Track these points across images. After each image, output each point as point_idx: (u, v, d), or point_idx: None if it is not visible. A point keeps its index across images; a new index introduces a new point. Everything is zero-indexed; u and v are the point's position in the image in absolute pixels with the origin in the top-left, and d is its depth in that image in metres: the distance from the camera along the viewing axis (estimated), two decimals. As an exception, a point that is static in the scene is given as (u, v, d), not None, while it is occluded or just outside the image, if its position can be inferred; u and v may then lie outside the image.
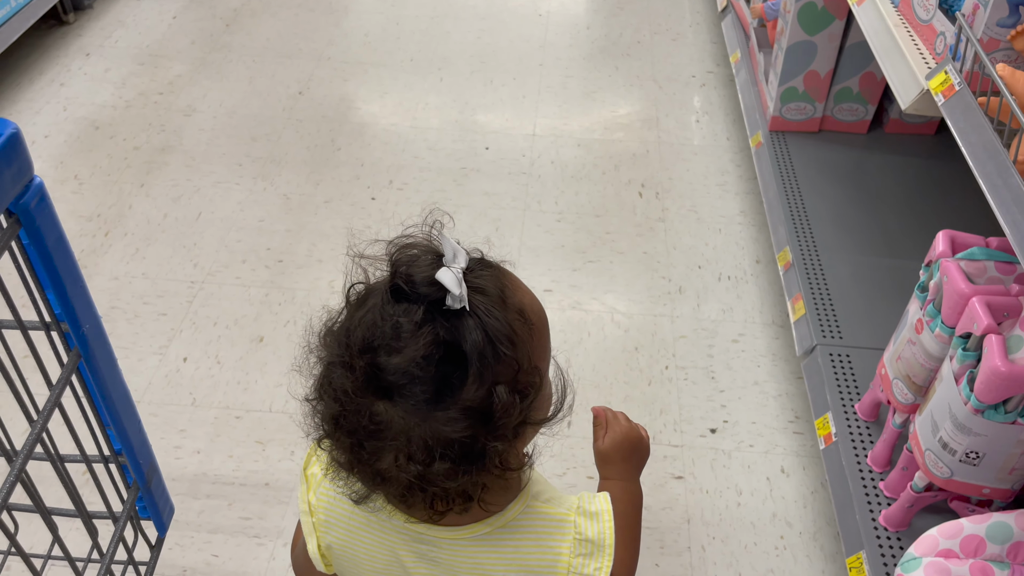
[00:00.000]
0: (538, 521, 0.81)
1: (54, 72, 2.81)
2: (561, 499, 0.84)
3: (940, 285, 1.22)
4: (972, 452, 1.15)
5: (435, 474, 0.68)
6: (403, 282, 0.68)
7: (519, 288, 0.76)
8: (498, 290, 0.71)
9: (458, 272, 0.67)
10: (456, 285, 0.66)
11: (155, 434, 1.77)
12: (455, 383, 0.67)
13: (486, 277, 0.71)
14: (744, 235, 2.27)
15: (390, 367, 0.66)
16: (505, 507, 0.80)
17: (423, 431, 0.67)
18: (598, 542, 0.80)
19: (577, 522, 0.81)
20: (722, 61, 2.94)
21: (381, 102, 2.74)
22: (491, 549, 0.80)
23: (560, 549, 0.80)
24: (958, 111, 1.23)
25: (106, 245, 2.20)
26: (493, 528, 0.79)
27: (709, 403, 1.85)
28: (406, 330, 0.66)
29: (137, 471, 0.92)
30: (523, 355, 0.70)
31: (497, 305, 0.69)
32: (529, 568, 0.80)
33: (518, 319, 0.71)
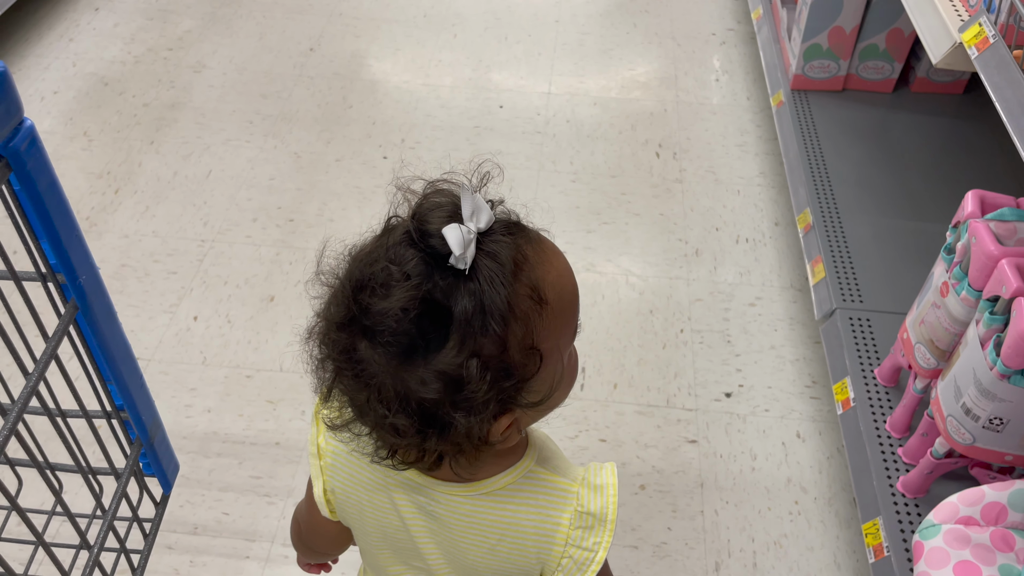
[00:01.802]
0: (540, 488, 0.78)
1: (63, 27, 2.77)
2: (568, 468, 0.81)
3: (968, 247, 1.18)
4: (996, 418, 1.12)
5: (397, 425, 0.66)
6: (415, 229, 0.65)
7: (546, 262, 0.69)
8: (512, 259, 0.65)
9: (468, 232, 0.63)
10: (460, 245, 0.63)
11: (166, 392, 1.77)
12: (432, 344, 0.63)
13: (505, 243, 0.65)
14: (763, 197, 2.22)
15: (370, 310, 0.64)
16: (499, 473, 0.77)
17: (393, 380, 0.65)
18: (599, 516, 0.77)
19: (580, 494, 0.78)
20: (743, 18, 2.86)
21: (393, 59, 2.69)
22: (488, 509, 0.78)
23: (560, 519, 0.77)
24: (992, 65, 1.17)
25: (116, 203, 2.18)
26: (491, 489, 0.77)
27: (724, 367, 1.83)
28: (395, 278, 0.63)
29: (140, 427, 0.91)
30: (519, 333, 0.65)
31: (505, 275, 0.64)
32: (526, 534, 0.78)
33: (528, 295, 0.66)
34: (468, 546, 0.80)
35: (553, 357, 0.69)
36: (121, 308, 1.93)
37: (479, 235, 0.64)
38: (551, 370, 0.69)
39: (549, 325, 0.67)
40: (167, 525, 1.55)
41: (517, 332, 0.65)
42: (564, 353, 0.72)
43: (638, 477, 1.64)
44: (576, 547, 0.77)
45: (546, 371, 0.68)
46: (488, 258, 0.64)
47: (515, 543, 0.78)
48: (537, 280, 0.67)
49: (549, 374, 0.69)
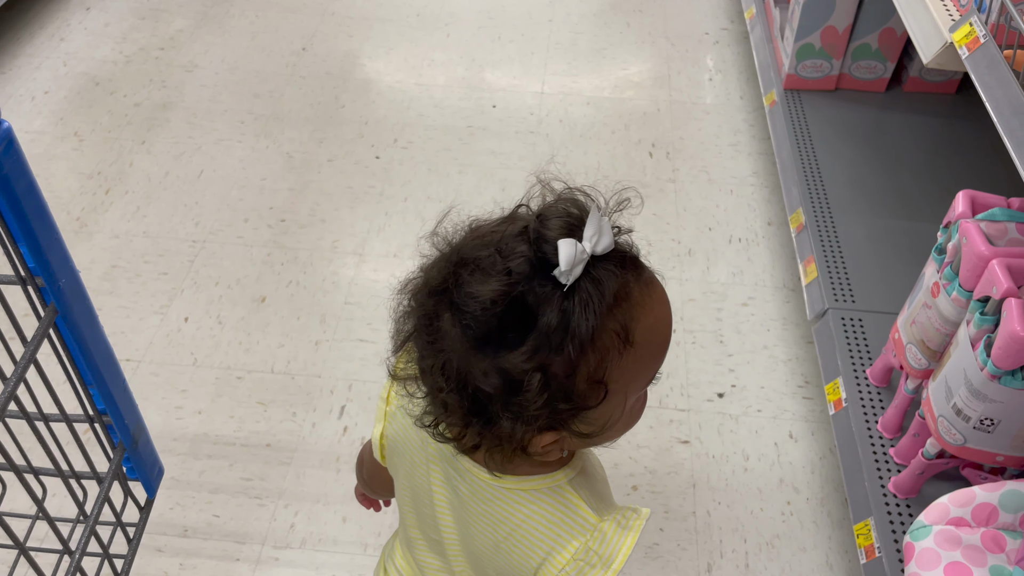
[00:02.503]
0: (561, 507, 0.77)
1: (54, 27, 2.76)
2: (600, 501, 0.78)
3: (959, 247, 1.17)
4: (987, 419, 1.12)
5: (448, 401, 0.68)
6: (533, 229, 0.65)
7: (647, 306, 0.68)
8: (615, 293, 0.65)
9: (582, 251, 0.63)
10: (569, 261, 0.62)
11: (156, 394, 1.76)
12: (507, 342, 0.64)
13: (614, 275, 0.65)
14: (756, 196, 2.22)
15: (464, 288, 0.65)
16: (529, 475, 0.77)
17: (460, 360, 0.66)
18: (606, 559, 0.75)
19: (600, 530, 0.75)
20: (736, 17, 2.86)
21: (386, 58, 2.68)
22: (505, 504, 0.78)
23: (568, 544, 0.76)
24: (983, 65, 1.17)
25: (107, 203, 2.17)
26: (515, 487, 0.77)
27: (717, 367, 1.82)
28: (497, 268, 0.64)
29: (122, 431, 0.90)
30: (592, 364, 0.65)
31: (600, 305, 0.64)
32: (531, 541, 0.77)
33: (616, 331, 0.65)
34: (478, 532, 0.80)
35: (618, 396, 0.69)
36: (111, 309, 1.92)
37: (592, 258, 0.64)
38: (611, 407, 0.69)
39: (626, 366, 0.67)
40: (156, 527, 1.55)
41: (591, 362, 0.65)
42: (632, 396, 0.71)
43: (630, 478, 1.63)
44: (588, 564, 0.75)
45: (606, 407, 0.68)
46: (592, 283, 0.64)
47: (520, 545, 0.78)
48: (631, 320, 0.66)
49: (608, 410, 0.69)
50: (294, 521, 1.56)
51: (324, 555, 1.51)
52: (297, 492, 1.60)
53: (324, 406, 1.74)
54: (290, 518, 1.57)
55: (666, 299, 0.71)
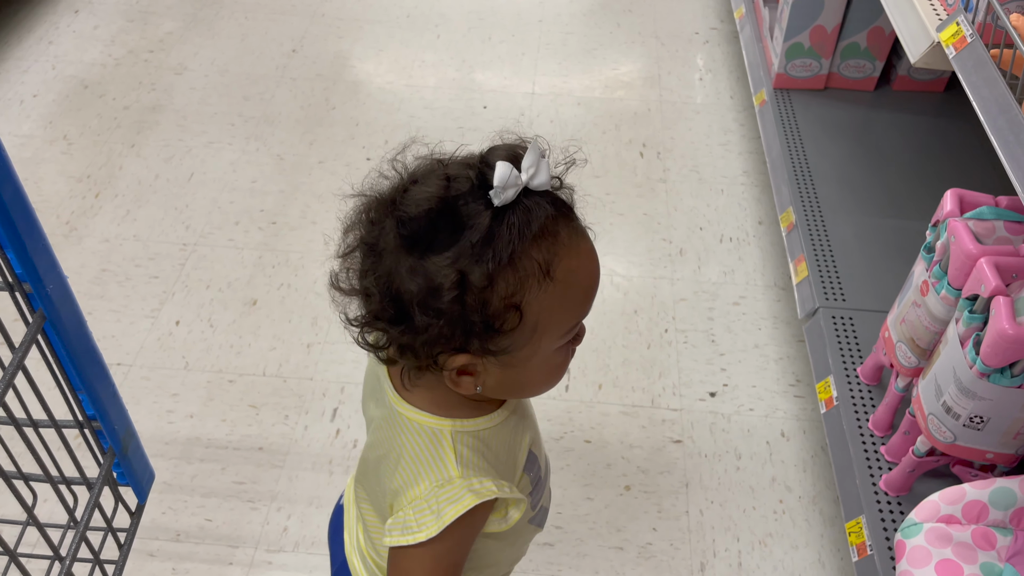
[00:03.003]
0: (432, 450, 0.78)
1: (42, 30, 2.75)
2: (474, 468, 0.78)
3: (947, 245, 1.18)
4: (976, 416, 1.13)
5: (370, 297, 0.73)
6: (480, 155, 0.71)
7: (573, 249, 0.72)
8: (541, 226, 0.69)
9: (515, 176, 0.67)
10: (502, 180, 0.67)
11: (147, 398, 1.75)
12: (434, 246, 0.68)
13: (544, 210, 0.70)
14: (747, 196, 2.22)
15: (407, 193, 0.70)
16: (422, 407, 0.79)
17: (390, 260, 0.70)
18: (440, 510, 0.75)
19: (454, 484, 0.76)
20: (726, 17, 2.87)
21: (376, 60, 2.68)
22: (395, 428, 0.81)
23: (420, 483, 0.77)
24: (970, 64, 1.18)
25: (96, 207, 2.16)
26: (407, 415, 0.79)
27: (709, 366, 1.83)
28: (437, 176, 0.70)
29: (112, 437, 0.90)
30: (511, 285, 0.69)
31: (524, 232, 0.68)
32: (395, 468, 0.79)
33: (538, 261, 0.69)
34: (372, 445, 0.86)
35: (532, 329, 0.72)
36: (102, 313, 1.91)
37: (528, 191, 0.69)
38: (525, 339, 0.72)
39: (544, 300, 0.71)
40: (149, 532, 1.54)
41: (509, 282, 0.69)
42: (549, 339, 0.74)
43: (623, 478, 1.64)
44: (410, 512, 0.76)
45: (520, 336, 0.72)
46: (522, 211, 0.69)
47: (388, 467, 0.81)
48: (553, 256, 0.70)
49: (522, 342, 0.72)
50: (287, 524, 1.56)
51: (317, 558, 1.51)
52: (290, 495, 1.60)
53: (316, 409, 1.74)
54: (283, 521, 1.56)
55: (594, 253, 0.76)
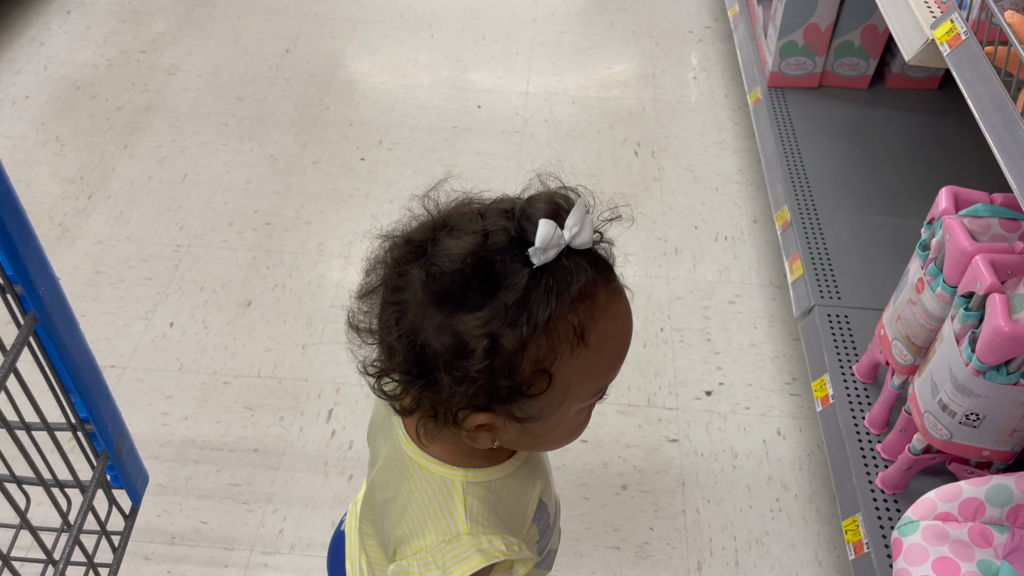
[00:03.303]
0: (442, 501, 0.76)
1: (34, 31, 2.73)
2: (484, 524, 0.76)
3: (942, 243, 1.18)
4: (972, 414, 1.13)
5: (394, 348, 0.69)
6: (519, 207, 0.67)
7: (610, 312, 0.68)
8: (580, 288, 0.66)
9: (560, 236, 0.64)
10: (544, 240, 0.63)
11: (142, 400, 1.74)
12: (466, 304, 0.65)
13: (584, 272, 0.66)
14: (741, 194, 2.22)
15: (439, 243, 0.67)
16: (439, 458, 0.77)
17: (415, 312, 0.67)
18: (447, 567, 0.73)
19: (461, 540, 0.74)
20: (720, 16, 2.87)
21: (370, 60, 2.67)
22: (404, 472, 0.78)
23: (427, 535, 0.75)
24: (964, 61, 1.18)
25: (89, 208, 2.15)
26: (419, 461, 0.77)
27: (705, 365, 1.83)
28: (474, 230, 0.66)
29: (105, 439, 0.89)
30: (543, 349, 0.66)
31: (562, 295, 0.65)
32: (403, 515, 0.78)
33: (573, 324, 0.66)
34: (380, 485, 0.83)
35: (560, 394, 0.69)
36: (96, 315, 1.91)
37: (568, 250, 0.66)
38: (552, 403, 0.69)
39: (575, 365, 0.68)
40: (144, 535, 1.53)
41: (541, 347, 0.65)
42: (575, 402, 0.71)
43: (619, 477, 1.63)
44: (415, 563, 0.75)
45: (547, 401, 0.69)
46: (561, 271, 0.65)
47: (395, 513, 0.79)
48: (590, 320, 0.67)
49: (547, 405, 0.69)
50: (283, 526, 1.55)
51: (313, 560, 1.51)
52: (285, 497, 1.59)
53: (312, 410, 1.73)
54: (279, 523, 1.56)
55: (629, 316, 0.72)
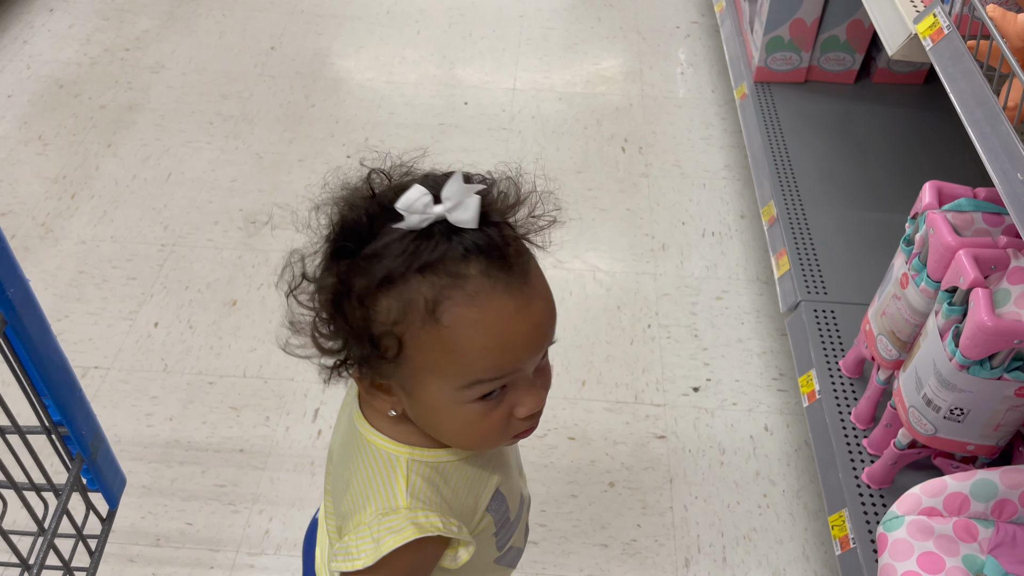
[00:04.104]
0: (385, 476, 0.75)
1: (16, 29, 2.71)
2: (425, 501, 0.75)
3: (926, 238, 1.18)
4: (956, 408, 1.12)
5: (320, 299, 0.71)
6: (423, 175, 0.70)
7: (477, 300, 0.64)
8: (448, 266, 0.63)
9: (426, 203, 0.63)
10: (406, 202, 0.63)
11: (126, 401, 1.73)
12: (342, 252, 0.68)
13: (455, 248, 0.63)
14: (728, 190, 2.22)
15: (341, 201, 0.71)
16: (382, 433, 0.77)
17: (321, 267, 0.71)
18: (379, 539, 0.72)
19: (399, 514, 0.73)
20: (707, 11, 2.86)
21: (356, 57, 2.66)
22: (355, 445, 0.79)
23: (368, 507, 0.75)
24: (946, 56, 1.17)
25: (72, 208, 2.14)
26: (366, 435, 0.78)
27: (692, 361, 1.82)
28: (375, 187, 0.70)
29: (80, 442, 0.88)
30: (391, 312, 0.65)
31: (414, 261, 0.64)
32: (350, 486, 0.78)
33: (424, 297, 0.64)
34: (336, 453, 0.85)
35: (420, 371, 0.68)
36: (79, 315, 1.89)
37: (454, 228, 0.64)
38: (412, 377, 0.69)
39: (426, 340, 0.66)
40: (128, 537, 1.52)
41: (392, 309, 0.66)
42: (442, 387, 0.69)
43: (607, 474, 1.63)
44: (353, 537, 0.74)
45: (407, 373, 0.69)
46: (427, 241, 0.64)
47: (343, 482, 0.79)
48: (446, 299, 0.64)
49: (409, 378, 0.70)
50: (269, 527, 1.54)
51: (300, 560, 1.50)
52: (271, 497, 1.59)
53: (298, 409, 1.72)
54: (265, 524, 1.55)
55: (516, 317, 0.66)
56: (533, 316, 0.68)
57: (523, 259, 0.68)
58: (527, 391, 0.71)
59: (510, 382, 0.70)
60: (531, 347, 0.68)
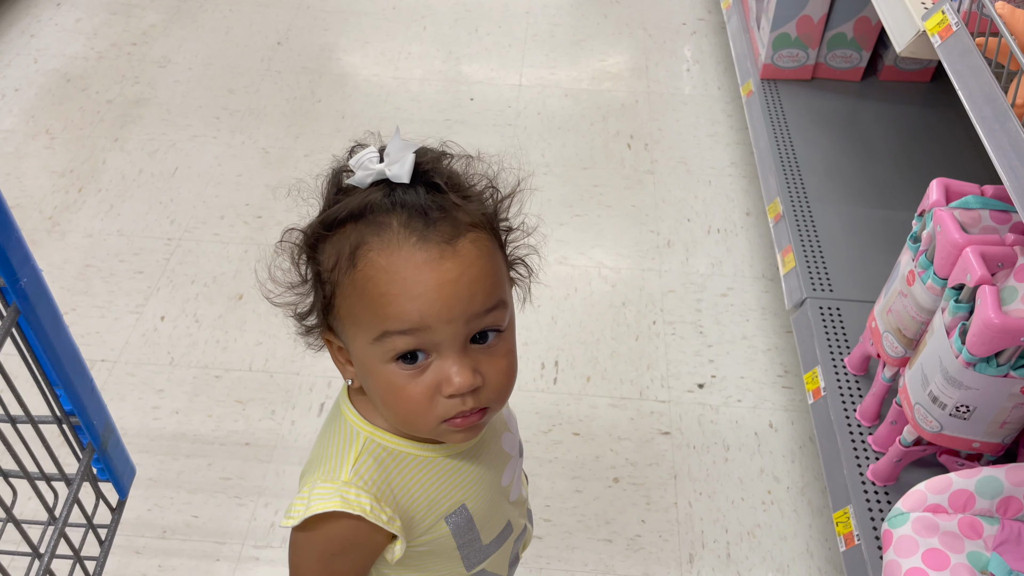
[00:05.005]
0: (339, 446, 0.78)
1: (24, 23, 2.71)
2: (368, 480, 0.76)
3: (933, 235, 1.18)
4: (962, 406, 1.13)
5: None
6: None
7: (387, 245, 0.67)
8: (362, 209, 0.69)
9: (372, 161, 0.69)
10: (355, 161, 0.69)
11: (132, 394, 1.74)
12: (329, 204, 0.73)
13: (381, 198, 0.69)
14: (734, 187, 2.22)
15: None
16: (355, 408, 0.79)
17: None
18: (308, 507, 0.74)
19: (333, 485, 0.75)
20: (713, 8, 2.86)
21: (362, 52, 2.66)
22: (331, 413, 0.83)
23: (314, 472, 0.78)
24: (955, 53, 1.17)
25: (80, 201, 2.14)
26: (341, 405, 0.81)
27: (697, 358, 1.83)
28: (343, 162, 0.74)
29: (91, 432, 0.89)
30: (328, 258, 0.71)
31: (343, 208, 0.69)
32: (314, 449, 0.82)
33: (348, 243, 0.69)
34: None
35: (345, 320, 0.72)
36: (86, 309, 1.90)
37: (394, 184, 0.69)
38: (346, 330, 0.73)
39: (346, 284, 0.70)
40: (135, 529, 1.53)
41: (329, 254, 0.71)
42: (356, 336, 0.72)
43: (611, 470, 1.63)
44: (296, 498, 0.77)
45: (344, 325, 0.72)
46: (376, 194, 0.69)
47: (311, 454, 0.82)
48: (362, 243, 0.69)
49: (345, 332, 0.73)
50: (274, 520, 1.55)
51: (305, 553, 1.50)
52: (277, 490, 1.59)
53: (303, 404, 1.73)
54: (270, 517, 1.55)
55: (424, 274, 0.67)
56: (443, 273, 0.68)
57: (450, 223, 0.69)
58: (453, 364, 0.70)
59: (433, 349, 0.70)
60: (439, 304, 0.68)
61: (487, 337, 0.72)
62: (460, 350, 0.70)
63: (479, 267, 0.70)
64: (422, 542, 0.81)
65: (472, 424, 0.73)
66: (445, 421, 0.72)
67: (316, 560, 0.77)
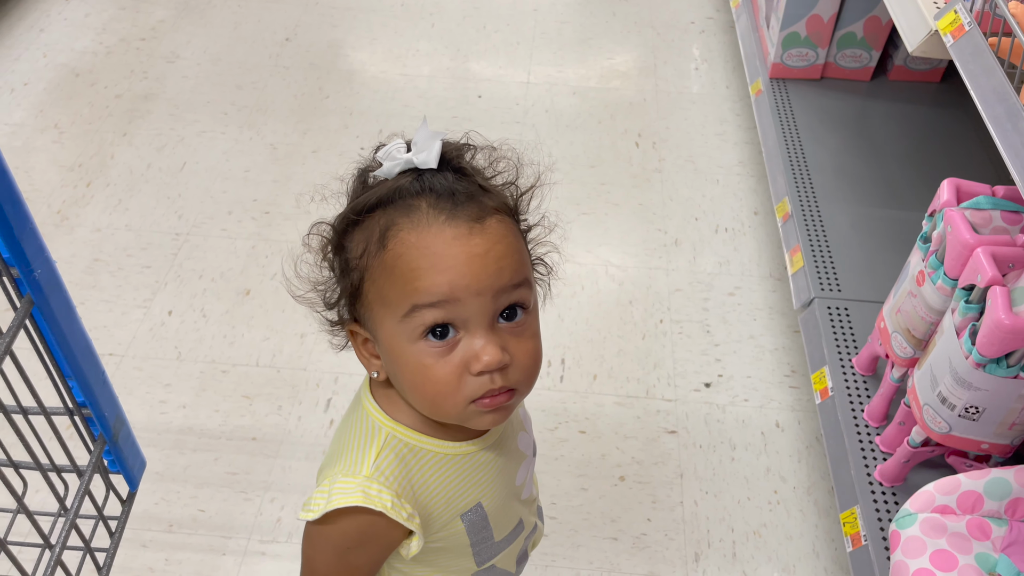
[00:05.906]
0: (359, 441, 0.78)
1: (33, 18, 2.72)
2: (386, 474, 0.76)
3: (944, 235, 1.17)
4: (972, 407, 1.12)
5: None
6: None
7: (420, 223, 0.69)
8: (392, 194, 0.70)
9: (400, 151, 0.71)
10: (384, 153, 0.71)
11: (140, 388, 1.74)
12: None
13: (414, 184, 0.70)
14: (742, 186, 2.22)
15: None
16: (376, 401, 0.80)
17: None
18: (328, 501, 0.74)
19: (354, 480, 0.74)
20: (722, 6, 2.85)
21: (371, 49, 2.66)
22: (351, 404, 0.84)
23: (335, 465, 0.77)
24: (967, 52, 1.17)
25: (88, 196, 2.15)
26: (363, 396, 0.82)
27: (704, 357, 1.82)
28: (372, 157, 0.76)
29: (102, 424, 0.89)
30: (358, 244, 0.72)
31: (372, 195, 0.71)
32: (333, 441, 0.83)
33: (376, 226, 0.70)
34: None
35: (376, 301, 0.72)
36: (94, 303, 1.90)
37: (423, 171, 0.71)
38: (375, 314, 0.73)
39: (376, 266, 0.71)
40: (141, 523, 1.53)
41: (357, 240, 0.72)
42: (385, 317, 0.72)
43: (617, 468, 1.63)
44: (315, 492, 0.77)
45: (369, 308, 0.73)
46: (408, 182, 0.70)
47: (331, 448, 0.83)
48: (394, 223, 0.70)
49: (373, 318, 0.73)
50: (280, 515, 1.55)
51: (311, 548, 1.51)
52: (283, 486, 1.59)
53: (310, 399, 1.73)
54: (276, 512, 1.56)
55: (454, 247, 0.68)
56: (472, 247, 0.69)
57: (477, 205, 0.70)
58: (483, 339, 0.70)
59: (461, 325, 0.70)
60: (469, 277, 0.68)
61: (516, 314, 0.72)
62: (488, 326, 0.70)
63: (506, 244, 0.71)
64: (437, 538, 0.81)
65: (500, 405, 0.73)
66: (473, 402, 0.72)
67: (332, 553, 0.77)
